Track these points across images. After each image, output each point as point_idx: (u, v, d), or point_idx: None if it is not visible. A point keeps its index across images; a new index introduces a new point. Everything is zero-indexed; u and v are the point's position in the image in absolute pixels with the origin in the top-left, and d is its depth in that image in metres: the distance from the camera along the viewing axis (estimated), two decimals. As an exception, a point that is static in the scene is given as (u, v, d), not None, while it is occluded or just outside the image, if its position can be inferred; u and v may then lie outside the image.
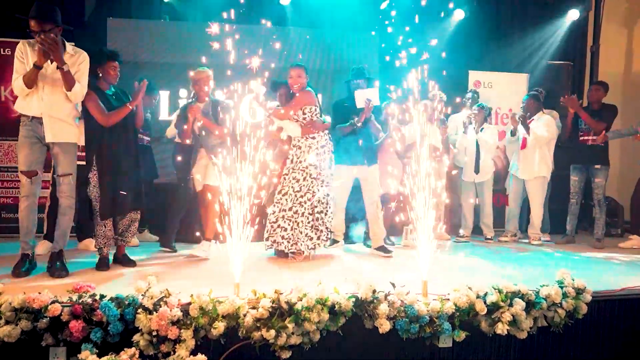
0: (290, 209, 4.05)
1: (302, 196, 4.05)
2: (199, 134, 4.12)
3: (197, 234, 4.24)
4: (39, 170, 3.41)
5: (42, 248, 4.12)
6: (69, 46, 3.50)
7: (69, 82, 3.35)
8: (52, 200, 4.30)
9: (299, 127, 4.07)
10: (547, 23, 6.67)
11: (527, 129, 5.07)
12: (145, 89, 3.67)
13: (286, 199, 4.07)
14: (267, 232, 4.10)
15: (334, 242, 4.52)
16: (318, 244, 4.11)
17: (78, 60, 3.47)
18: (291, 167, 4.10)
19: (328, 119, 4.28)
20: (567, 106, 5.07)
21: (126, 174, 3.63)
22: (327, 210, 4.13)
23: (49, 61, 3.30)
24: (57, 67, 3.30)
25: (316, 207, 4.07)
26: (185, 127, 4.09)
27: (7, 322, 2.47)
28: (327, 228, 4.14)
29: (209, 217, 4.09)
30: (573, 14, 6.48)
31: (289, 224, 4.05)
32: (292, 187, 4.07)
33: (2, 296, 2.56)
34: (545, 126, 5.09)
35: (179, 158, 4.39)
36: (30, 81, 3.28)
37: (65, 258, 3.47)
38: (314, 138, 4.09)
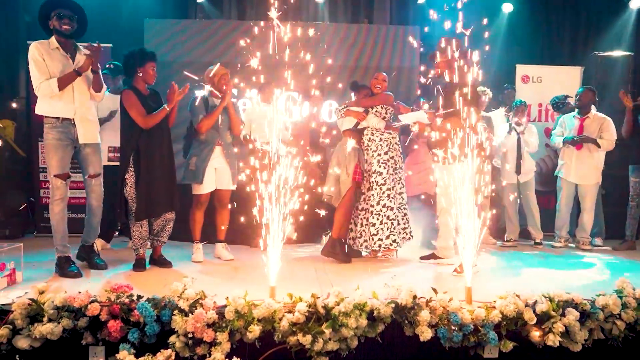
0: (378, 204, 4.21)
1: (389, 189, 4.23)
2: (220, 124, 4.10)
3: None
4: (69, 173, 3.58)
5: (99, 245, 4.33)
6: (81, 47, 3.63)
7: (100, 84, 3.61)
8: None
9: (383, 122, 4.35)
10: (603, 11, 6.39)
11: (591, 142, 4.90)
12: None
13: (372, 194, 4.24)
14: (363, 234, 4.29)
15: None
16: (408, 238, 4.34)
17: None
18: (370, 160, 4.28)
19: None
20: (626, 104, 4.83)
21: (162, 175, 3.73)
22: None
23: (71, 62, 3.50)
24: (92, 71, 3.51)
25: (401, 202, 4.30)
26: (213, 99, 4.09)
27: (50, 320, 2.60)
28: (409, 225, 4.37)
29: (224, 220, 4.24)
30: (635, 2, 6.16)
31: (378, 219, 4.20)
32: (375, 181, 4.24)
33: (45, 294, 2.70)
34: (613, 132, 4.90)
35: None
36: (66, 85, 3.43)
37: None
38: (390, 134, 4.37)
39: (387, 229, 4.18)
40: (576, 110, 5.09)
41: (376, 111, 4.35)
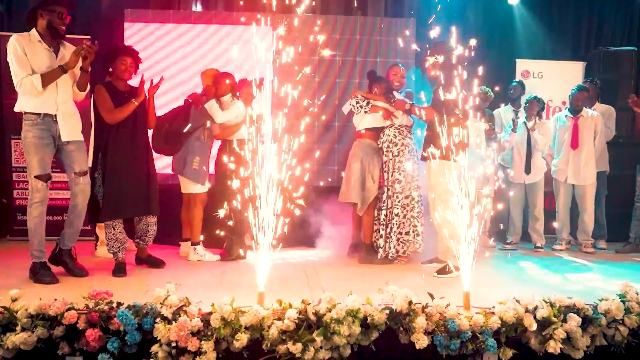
0: (391, 213, 4.25)
1: (405, 197, 4.26)
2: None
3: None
4: (51, 173, 3.48)
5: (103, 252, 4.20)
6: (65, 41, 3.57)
7: (86, 83, 3.55)
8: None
9: (411, 120, 4.37)
10: (607, 4, 6.46)
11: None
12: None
13: (389, 202, 4.28)
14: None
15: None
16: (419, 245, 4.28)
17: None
18: (391, 165, 4.28)
19: None
20: (633, 107, 4.89)
21: (133, 174, 3.69)
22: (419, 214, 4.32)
23: (55, 56, 3.43)
24: (82, 69, 3.46)
25: (414, 208, 4.26)
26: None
27: (23, 329, 2.57)
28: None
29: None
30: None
31: (385, 228, 4.25)
32: (393, 188, 4.27)
33: (18, 302, 2.67)
34: (610, 127, 4.98)
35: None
36: (51, 82, 3.36)
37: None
38: (411, 139, 4.38)
39: (394, 239, 4.24)
40: (567, 109, 5.16)
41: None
